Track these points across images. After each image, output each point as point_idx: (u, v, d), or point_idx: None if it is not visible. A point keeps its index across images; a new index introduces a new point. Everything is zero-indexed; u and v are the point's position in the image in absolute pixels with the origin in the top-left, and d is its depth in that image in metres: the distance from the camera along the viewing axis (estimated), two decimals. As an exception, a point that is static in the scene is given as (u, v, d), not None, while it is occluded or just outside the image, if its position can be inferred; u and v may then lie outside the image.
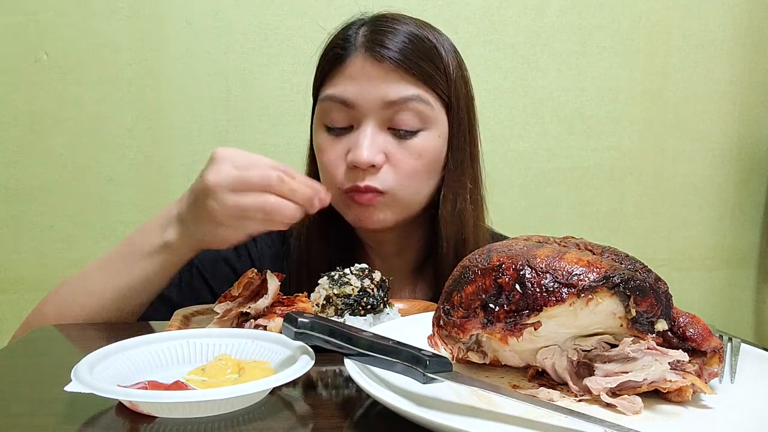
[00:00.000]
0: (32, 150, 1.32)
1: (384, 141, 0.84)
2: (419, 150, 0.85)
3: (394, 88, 0.83)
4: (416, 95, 0.84)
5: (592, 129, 1.51)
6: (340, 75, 0.85)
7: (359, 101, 0.84)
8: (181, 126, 1.36)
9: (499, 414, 0.48)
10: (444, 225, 0.89)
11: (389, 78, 0.83)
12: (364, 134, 0.83)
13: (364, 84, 0.83)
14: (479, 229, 0.92)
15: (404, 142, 0.85)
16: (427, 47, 0.86)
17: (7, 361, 0.64)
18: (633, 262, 0.54)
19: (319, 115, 0.89)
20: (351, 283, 0.71)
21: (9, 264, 1.34)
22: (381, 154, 0.84)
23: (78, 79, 1.32)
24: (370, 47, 0.84)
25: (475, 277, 0.53)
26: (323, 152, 0.88)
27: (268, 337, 0.59)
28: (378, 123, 0.84)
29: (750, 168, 1.60)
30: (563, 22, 1.47)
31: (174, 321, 0.73)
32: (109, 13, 1.32)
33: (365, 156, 0.82)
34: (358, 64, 0.84)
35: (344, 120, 0.86)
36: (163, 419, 0.48)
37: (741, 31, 1.55)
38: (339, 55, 0.86)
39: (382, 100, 0.83)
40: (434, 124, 0.86)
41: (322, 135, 0.88)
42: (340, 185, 0.86)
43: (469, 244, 0.89)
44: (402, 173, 0.85)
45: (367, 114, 0.84)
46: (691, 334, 0.54)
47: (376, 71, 0.83)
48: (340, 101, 0.84)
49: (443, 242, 0.89)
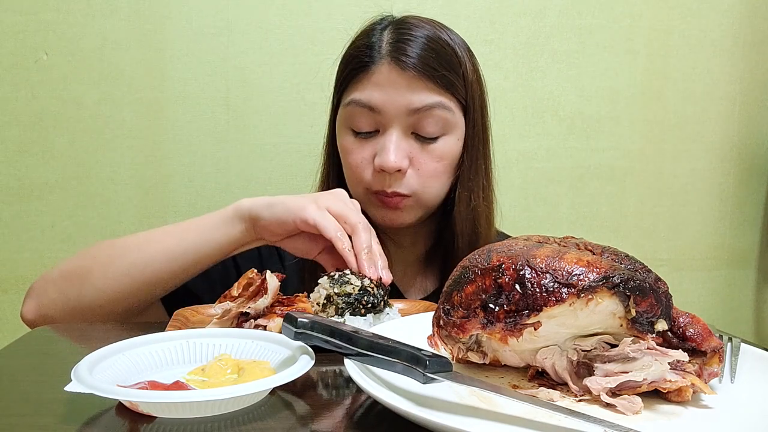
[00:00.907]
0: (33, 149, 1.32)
1: (408, 146, 0.90)
2: (440, 153, 0.91)
3: (418, 96, 0.88)
4: (439, 102, 0.89)
5: (592, 129, 1.51)
6: (366, 81, 0.90)
7: (386, 108, 0.89)
8: (181, 126, 1.36)
9: (499, 414, 0.48)
10: (459, 222, 0.94)
11: (414, 86, 0.88)
12: (390, 140, 0.89)
13: (390, 91, 0.88)
14: (491, 225, 0.97)
15: (426, 146, 0.91)
16: (447, 54, 0.90)
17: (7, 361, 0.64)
18: (633, 262, 0.54)
19: (343, 118, 0.94)
20: (351, 282, 0.71)
21: (9, 263, 1.34)
22: (406, 160, 0.89)
23: (78, 78, 1.32)
24: (396, 56, 0.88)
25: (475, 277, 0.53)
26: (350, 154, 0.93)
27: (268, 337, 0.59)
28: (403, 128, 0.90)
29: (750, 168, 1.60)
30: (563, 22, 1.47)
31: (174, 321, 0.73)
32: (109, 12, 1.32)
33: (392, 162, 0.87)
34: (384, 71, 0.89)
35: (370, 125, 0.91)
36: (163, 419, 0.48)
37: (741, 31, 1.55)
38: (364, 62, 0.90)
39: (407, 107, 0.88)
40: (454, 128, 0.92)
41: (348, 138, 0.93)
42: (368, 186, 0.92)
43: (481, 239, 0.95)
44: (425, 176, 0.91)
45: (392, 120, 0.89)
46: (691, 334, 0.54)
47: (401, 79, 0.88)
48: (368, 107, 0.89)
49: (458, 238, 0.94)
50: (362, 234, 0.76)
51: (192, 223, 0.84)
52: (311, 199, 0.79)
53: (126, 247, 0.84)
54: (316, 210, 0.77)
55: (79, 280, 0.83)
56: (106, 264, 0.83)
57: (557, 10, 1.47)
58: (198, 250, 0.81)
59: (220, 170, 1.38)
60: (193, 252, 0.81)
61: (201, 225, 0.83)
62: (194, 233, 0.82)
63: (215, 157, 1.38)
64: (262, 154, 1.39)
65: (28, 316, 0.85)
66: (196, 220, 0.84)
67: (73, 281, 0.83)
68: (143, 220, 1.37)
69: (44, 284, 0.86)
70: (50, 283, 0.85)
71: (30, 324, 0.86)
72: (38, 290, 0.86)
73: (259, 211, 0.80)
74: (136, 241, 0.85)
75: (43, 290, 0.85)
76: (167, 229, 0.84)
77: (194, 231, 0.82)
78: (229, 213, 0.81)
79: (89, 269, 0.83)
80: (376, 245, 0.78)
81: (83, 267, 0.84)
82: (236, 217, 0.81)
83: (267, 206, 0.79)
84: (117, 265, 0.82)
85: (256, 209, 0.80)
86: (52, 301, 0.84)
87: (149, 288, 0.83)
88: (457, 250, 0.94)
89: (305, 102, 1.37)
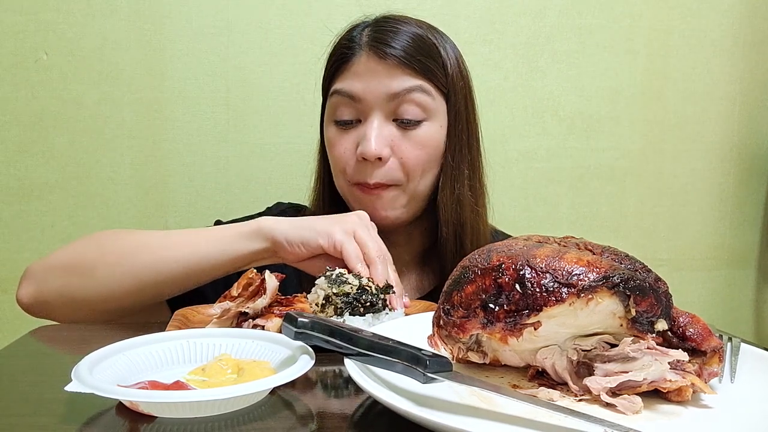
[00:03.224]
0: (33, 149, 1.32)
1: (389, 133, 0.91)
2: (422, 140, 0.92)
3: (397, 81, 0.90)
4: (418, 86, 0.90)
5: (592, 129, 1.51)
6: (347, 72, 0.92)
7: (365, 95, 0.90)
8: (181, 126, 1.36)
9: (499, 414, 0.48)
10: (443, 210, 0.94)
11: (392, 73, 0.90)
12: (371, 126, 0.90)
13: (369, 79, 0.90)
14: (478, 216, 0.97)
15: (408, 133, 0.91)
16: (426, 44, 0.92)
17: (7, 361, 0.64)
18: (633, 262, 0.54)
19: (328, 110, 0.96)
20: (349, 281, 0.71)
21: (9, 263, 1.34)
22: (387, 148, 0.90)
23: (78, 78, 1.32)
24: (374, 46, 0.91)
25: (475, 277, 0.53)
26: (334, 146, 0.94)
27: (268, 337, 0.59)
28: (383, 115, 0.91)
29: (750, 168, 1.60)
30: (563, 22, 1.47)
31: (174, 321, 0.73)
32: (109, 12, 1.32)
33: (373, 148, 0.88)
34: (363, 61, 0.91)
35: (351, 113, 0.92)
36: (163, 419, 0.48)
37: (741, 31, 1.55)
38: (345, 54, 0.93)
39: (386, 93, 0.90)
40: (435, 114, 0.93)
41: (331, 129, 0.95)
42: (350, 179, 0.93)
43: (467, 228, 0.95)
44: (407, 165, 0.91)
45: (372, 107, 0.91)
46: (691, 334, 0.54)
47: (380, 67, 0.90)
48: (348, 95, 0.91)
49: (443, 227, 0.95)
50: (380, 267, 0.76)
51: (207, 233, 0.83)
52: (337, 221, 0.79)
53: (136, 247, 0.83)
54: (343, 235, 0.77)
55: (82, 272, 0.81)
56: (113, 262, 0.81)
57: (557, 10, 1.47)
58: (212, 262, 0.80)
59: (220, 170, 1.38)
60: (207, 263, 0.80)
61: (218, 237, 0.81)
62: (211, 245, 0.81)
63: (215, 157, 1.38)
64: (262, 154, 1.39)
65: (25, 300, 0.84)
66: (211, 230, 0.83)
67: (76, 272, 0.82)
68: (143, 220, 1.36)
69: (44, 270, 0.84)
70: (51, 271, 0.83)
71: (26, 308, 0.84)
72: (38, 275, 0.84)
73: (284, 232, 0.79)
74: (147, 241, 0.83)
75: (43, 276, 0.84)
76: (181, 236, 0.83)
77: (211, 242, 0.81)
78: (250, 229, 0.80)
79: (94, 263, 0.82)
80: (393, 273, 0.78)
81: (88, 260, 0.82)
82: (256, 235, 0.80)
83: (293, 227, 0.79)
84: (125, 265, 0.81)
85: (281, 230, 0.79)
86: (52, 290, 0.82)
87: (155, 291, 0.82)
88: (443, 239, 0.95)
89: (305, 102, 1.37)
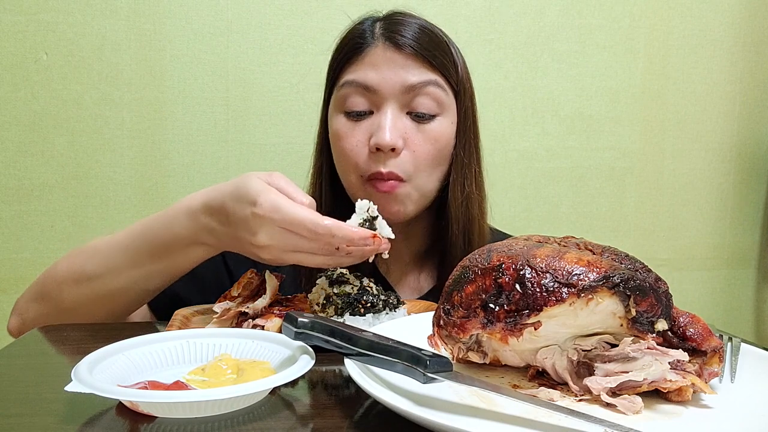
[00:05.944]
0: (32, 150, 1.32)
1: (403, 125, 0.89)
2: (435, 135, 0.90)
3: (413, 73, 0.88)
4: (434, 80, 0.89)
5: (592, 129, 1.51)
6: (360, 62, 0.89)
7: (381, 86, 0.88)
8: (181, 126, 1.36)
9: (499, 414, 0.48)
10: (454, 209, 0.93)
11: (408, 64, 0.88)
12: (386, 117, 0.87)
13: (385, 70, 0.88)
14: (484, 214, 0.97)
15: (421, 127, 0.89)
16: (438, 39, 0.91)
17: (7, 361, 0.64)
18: (633, 262, 0.54)
19: (336, 102, 0.92)
20: (350, 281, 0.71)
21: (9, 264, 1.34)
22: (401, 139, 0.88)
23: (78, 78, 1.32)
24: (390, 36, 0.89)
25: (475, 277, 0.53)
26: (343, 138, 0.90)
27: (268, 337, 0.59)
28: (398, 107, 0.88)
29: (750, 168, 1.60)
30: (563, 22, 1.47)
31: (174, 321, 0.73)
32: (109, 12, 1.32)
33: (388, 138, 0.85)
34: (378, 52, 0.89)
35: (364, 104, 0.89)
36: (163, 419, 0.48)
37: (741, 31, 1.55)
38: (358, 45, 0.90)
39: (402, 84, 0.88)
40: (448, 110, 0.91)
41: (340, 121, 0.91)
42: (363, 173, 0.89)
43: (475, 226, 0.94)
44: (419, 158, 0.89)
45: (387, 98, 0.88)
46: (691, 334, 0.54)
47: (397, 57, 0.88)
48: (362, 86, 0.88)
49: (452, 225, 0.93)
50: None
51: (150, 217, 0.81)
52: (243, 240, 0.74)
53: (89, 255, 0.82)
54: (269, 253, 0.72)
55: (49, 299, 0.82)
56: (71, 282, 0.81)
57: (557, 10, 1.47)
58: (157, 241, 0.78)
59: (220, 170, 1.38)
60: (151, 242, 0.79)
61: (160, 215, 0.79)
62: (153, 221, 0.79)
63: (215, 157, 1.38)
64: (262, 154, 1.39)
65: (14, 333, 0.86)
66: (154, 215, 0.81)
67: (46, 302, 0.83)
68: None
69: (24, 302, 0.86)
70: (28, 303, 0.85)
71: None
72: (20, 308, 0.86)
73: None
74: (97, 245, 0.82)
75: (24, 307, 0.85)
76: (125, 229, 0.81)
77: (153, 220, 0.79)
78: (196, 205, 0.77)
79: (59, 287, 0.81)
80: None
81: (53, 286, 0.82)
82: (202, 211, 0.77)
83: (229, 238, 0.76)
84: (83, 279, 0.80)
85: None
86: (32, 321, 0.83)
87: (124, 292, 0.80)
88: (451, 238, 0.94)
89: (305, 102, 1.37)
